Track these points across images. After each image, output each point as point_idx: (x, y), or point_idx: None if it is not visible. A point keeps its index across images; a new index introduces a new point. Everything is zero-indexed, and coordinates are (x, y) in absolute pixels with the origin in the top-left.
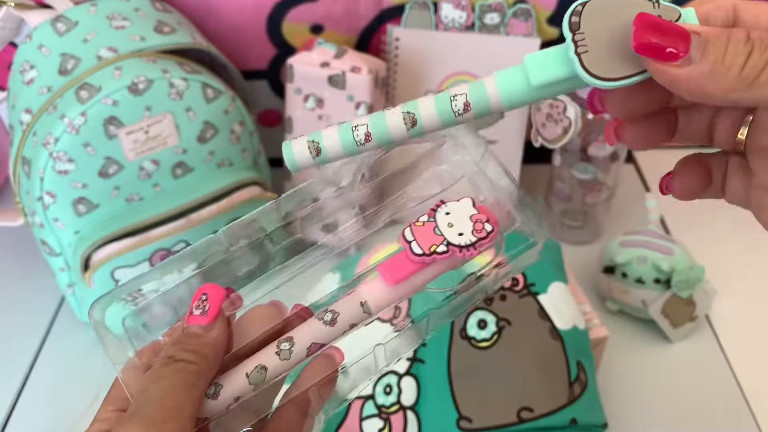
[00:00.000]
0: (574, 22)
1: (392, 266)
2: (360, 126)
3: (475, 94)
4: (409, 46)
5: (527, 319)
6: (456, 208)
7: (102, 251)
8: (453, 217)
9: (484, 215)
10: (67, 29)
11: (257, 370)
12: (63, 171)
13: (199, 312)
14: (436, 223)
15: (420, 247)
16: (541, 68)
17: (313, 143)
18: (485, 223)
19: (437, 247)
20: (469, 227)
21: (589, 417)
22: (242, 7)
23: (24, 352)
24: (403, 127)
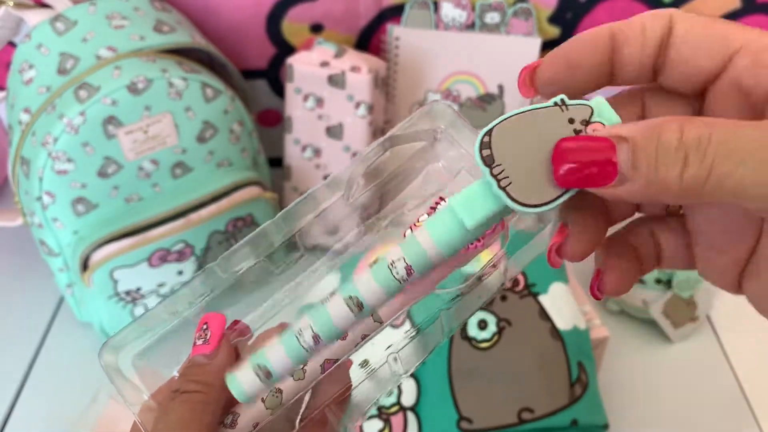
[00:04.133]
0: (487, 156)
1: None
2: (303, 330)
3: (411, 254)
4: (409, 45)
5: (528, 319)
6: None
7: (101, 251)
8: None
9: None
10: (66, 29)
11: (272, 393)
12: (62, 171)
13: (202, 341)
14: None
15: None
16: (472, 209)
17: (260, 367)
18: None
19: None
20: None
21: (590, 418)
22: (242, 6)
23: (23, 352)
24: (350, 314)
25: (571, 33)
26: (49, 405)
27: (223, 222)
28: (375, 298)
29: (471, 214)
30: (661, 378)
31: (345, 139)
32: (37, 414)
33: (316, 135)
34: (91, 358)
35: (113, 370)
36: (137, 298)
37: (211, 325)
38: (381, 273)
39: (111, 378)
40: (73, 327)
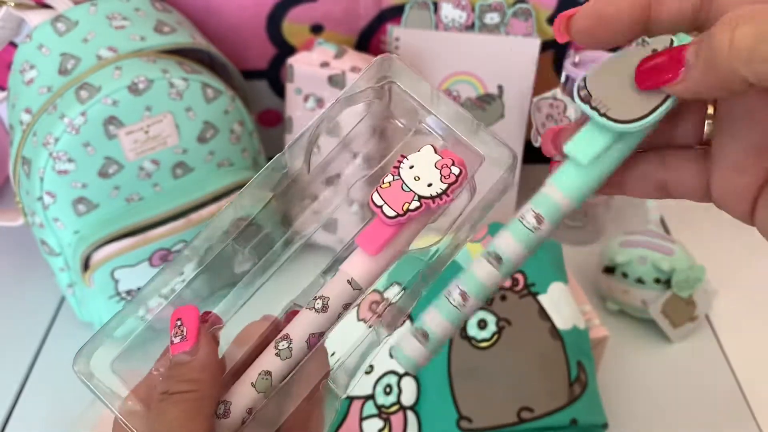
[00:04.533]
0: (584, 95)
1: (370, 235)
2: (452, 291)
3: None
4: (409, 45)
5: (527, 319)
6: (418, 159)
7: (102, 251)
8: (418, 169)
9: (448, 159)
10: (67, 29)
11: (262, 376)
12: (63, 171)
13: (179, 339)
14: (402, 180)
15: (392, 209)
16: (583, 147)
17: (419, 331)
18: (452, 167)
19: (409, 205)
20: (436, 175)
21: (590, 417)
22: (242, 6)
23: (24, 352)
24: (493, 271)
25: None
26: (50, 404)
27: None
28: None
29: (584, 152)
30: (660, 377)
31: None
32: (38, 413)
33: None
34: None
35: (89, 377)
36: None
37: (185, 320)
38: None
39: (89, 386)
40: (74, 327)
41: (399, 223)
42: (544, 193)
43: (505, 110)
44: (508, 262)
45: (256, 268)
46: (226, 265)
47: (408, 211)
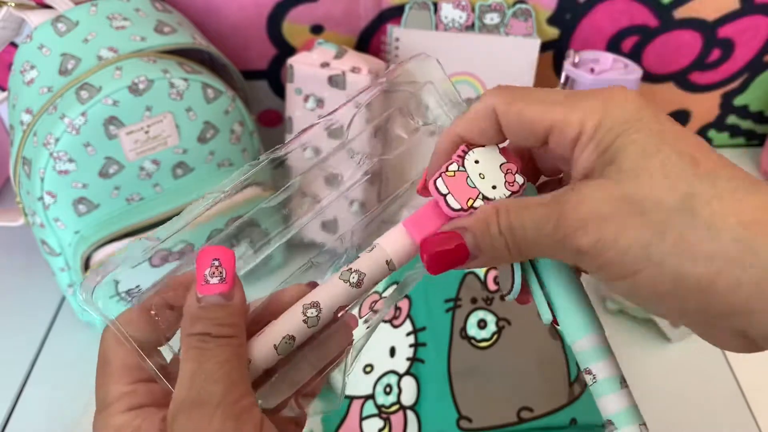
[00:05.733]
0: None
1: (421, 222)
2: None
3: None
4: (409, 46)
5: (527, 319)
6: (484, 156)
7: (102, 251)
8: (483, 167)
9: (513, 165)
10: (67, 29)
11: (285, 340)
12: (63, 171)
13: (217, 279)
14: (467, 173)
15: (457, 201)
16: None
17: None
18: (516, 174)
19: (473, 202)
20: (501, 179)
21: (589, 417)
22: (242, 7)
23: (25, 352)
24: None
25: (570, 34)
26: (51, 404)
27: (224, 222)
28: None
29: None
30: (660, 377)
31: None
32: (38, 413)
33: (316, 135)
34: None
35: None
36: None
37: (223, 261)
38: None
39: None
40: (74, 327)
41: (459, 217)
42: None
43: None
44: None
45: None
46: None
47: (471, 208)
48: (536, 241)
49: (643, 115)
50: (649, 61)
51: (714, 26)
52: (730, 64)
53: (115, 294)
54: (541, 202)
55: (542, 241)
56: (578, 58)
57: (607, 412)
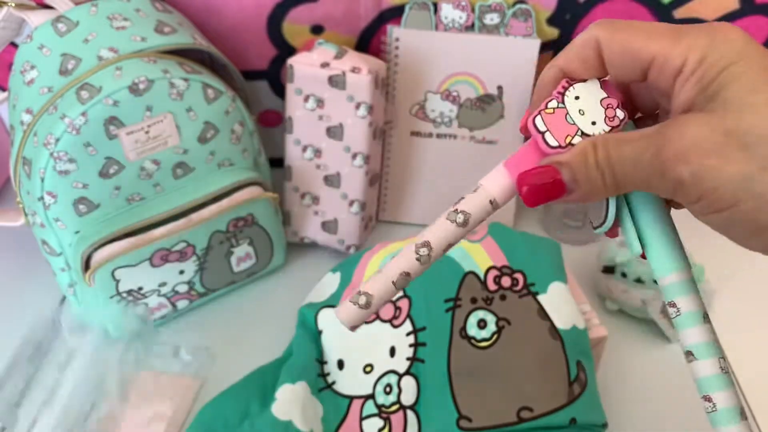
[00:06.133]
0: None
1: (522, 161)
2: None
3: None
4: (409, 46)
5: (527, 318)
6: (585, 91)
7: (103, 251)
8: (583, 103)
9: (614, 99)
10: (67, 29)
11: (402, 276)
12: (64, 171)
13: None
14: (566, 110)
15: (555, 138)
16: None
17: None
18: (617, 110)
19: (572, 138)
20: (601, 114)
21: (589, 416)
22: (242, 7)
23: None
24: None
25: (569, 34)
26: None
27: (224, 222)
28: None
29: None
30: (660, 377)
31: (345, 139)
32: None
33: (316, 135)
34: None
35: None
36: (139, 298)
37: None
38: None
39: None
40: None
41: (555, 153)
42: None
43: (505, 111)
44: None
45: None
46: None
47: (569, 145)
48: (634, 172)
49: (749, 50)
50: None
51: None
52: None
53: (116, 294)
54: (642, 134)
55: (641, 173)
56: None
57: (687, 343)
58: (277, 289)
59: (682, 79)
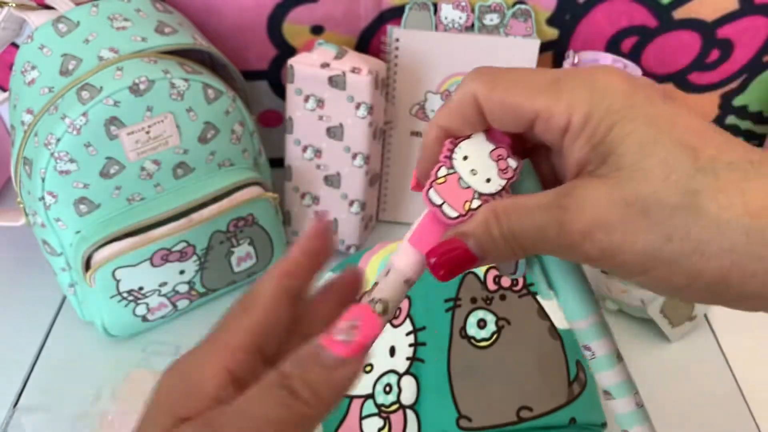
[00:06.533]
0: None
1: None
2: None
3: None
4: (409, 46)
5: (527, 318)
6: (472, 148)
7: (103, 251)
8: (473, 162)
9: (503, 149)
10: (68, 30)
11: None
12: (64, 171)
13: (342, 337)
14: (458, 174)
15: (453, 208)
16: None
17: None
18: (508, 159)
19: (470, 203)
20: (493, 169)
21: (589, 416)
22: (243, 7)
23: (25, 351)
24: None
25: (569, 34)
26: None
27: (225, 222)
28: None
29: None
30: (659, 377)
31: (345, 139)
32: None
33: (316, 136)
34: (93, 357)
35: None
36: (139, 298)
37: (363, 326)
38: None
39: None
40: (75, 326)
41: (459, 222)
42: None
43: None
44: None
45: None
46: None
47: (470, 211)
48: (540, 245)
49: (634, 100)
50: (648, 62)
51: (713, 27)
52: (729, 64)
53: (116, 294)
54: (540, 205)
55: (547, 246)
56: (578, 59)
57: (604, 384)
58: None
59: (571, 138)
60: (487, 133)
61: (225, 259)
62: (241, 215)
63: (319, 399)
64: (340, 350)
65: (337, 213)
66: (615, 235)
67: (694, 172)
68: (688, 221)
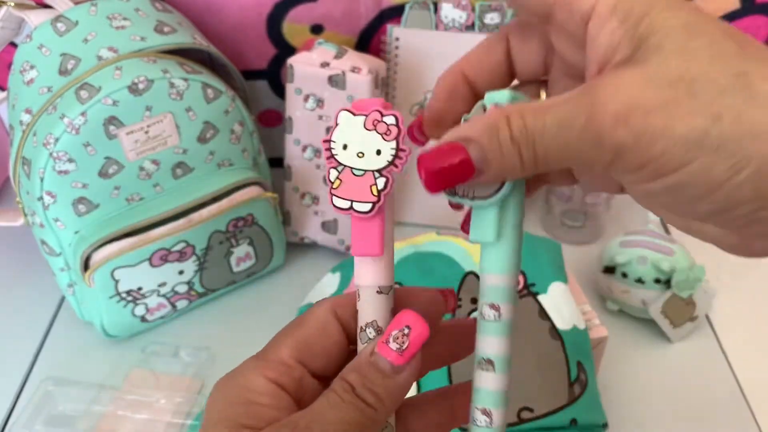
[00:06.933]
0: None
1: (364, 240)
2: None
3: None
4: (409, 46)
5: (527, 319)
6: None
7: (102, 251)
8: (354, 144)
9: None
10: (67, 29)
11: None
12: (63, 171)
13: (396, 347)
14: (347, 166)
15: (362, 202)
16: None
17: None
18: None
19: (376, 186)
20: (376, 138)
21: (589, 417)
22: (242, 7)
23: (24, 352)
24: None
25: None
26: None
27: (224, 222)
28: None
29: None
30: (660, 377)
31: None
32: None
33: (316, 135)
34: (93, 357)
35: None
36: (138, 298)
37: (413, 332)
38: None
39: None
40: (74, 326)
41: (381, 209)
42: (487, 286)
43: None
44: (498, 358)
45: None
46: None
47: (381, 192)
48: (561, 144)
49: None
50: None
51: None
52: None
53: (115, 294)
54: (564, 99)
55: (569, 143)
56: None
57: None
58: (277, 289)
59: (599, 22)
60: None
61: (224, 259)
62: (241, 215)
63: (382, 402)
64: (394, 358)
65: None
66: (655, 118)
67: (743, 57)
68: (739, 101)
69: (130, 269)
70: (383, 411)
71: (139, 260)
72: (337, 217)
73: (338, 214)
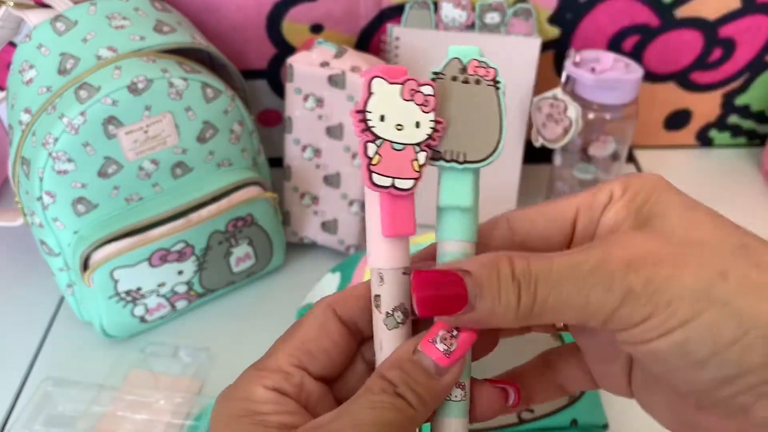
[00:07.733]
0: (433, 154)
1: (398, 219)
2: None
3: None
4: (410, 45)
5: None
6: (382, 102)
7: (101, 251)
8: (392, 116)
9: (410, 83)
10: (66, 29)
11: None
12: (62, 171)
13: (443, 348)
14: (387, 140)
15: (404, 178)
16: (460, 194)
17: None
18: (420, 89)
19: (418, 160)
20: (414, 109)
21: (590, 417)
22: (242, 6)
23: (24, 352)
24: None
25: (571, 33)
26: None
27: (224, 222)
28: None
29: (462, 197)
30: None
31: (345, 139)
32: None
33: (316, 135)
34: (92, 357)
35: None
36: (137, 298)
37: (462, 335)
38: None
39: None
40: (73, 326)
41: (417, 187)
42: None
43: (505, 110)
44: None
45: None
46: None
47: (422, 167)
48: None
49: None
50: (650, 61)
51: (715, 26)
52: (731, 63)
53: (114, 294)
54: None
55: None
56: (579, 58)
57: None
58: (277, 290)
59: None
60: (385, 77)
61: (224, 260)
62: (240, 215)
63: (424, 404)
64: (440, 359)
65: (336, 213)
66: (664, 268)
67: (742, 231)
68: (745, 265)
69: (130, 269)
70: (423, 413)
71: (139, 260)
72: (337, 217)
73: (337, 214)
